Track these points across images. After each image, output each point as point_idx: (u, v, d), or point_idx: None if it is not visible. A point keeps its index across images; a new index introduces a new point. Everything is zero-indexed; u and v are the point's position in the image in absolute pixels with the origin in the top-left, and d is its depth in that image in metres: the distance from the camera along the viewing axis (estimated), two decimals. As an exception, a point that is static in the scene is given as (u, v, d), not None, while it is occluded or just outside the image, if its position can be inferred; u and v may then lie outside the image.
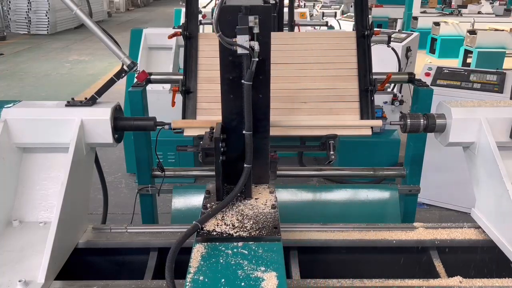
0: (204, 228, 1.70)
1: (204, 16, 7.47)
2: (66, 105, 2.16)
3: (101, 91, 2.18)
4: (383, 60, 4.34)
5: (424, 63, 5.44)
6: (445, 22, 12.86)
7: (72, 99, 2.22)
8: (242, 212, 1.82)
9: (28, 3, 16.63)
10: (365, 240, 2.13)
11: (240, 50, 1.75)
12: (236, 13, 1.75)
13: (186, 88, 2.73)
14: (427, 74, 4.51)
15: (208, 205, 1.85)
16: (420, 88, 2.88)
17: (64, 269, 1.91)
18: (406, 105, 5.22)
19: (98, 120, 2.11)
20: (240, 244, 1.64)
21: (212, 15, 7.92)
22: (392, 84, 5.51)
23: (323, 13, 10.60)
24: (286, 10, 5.47)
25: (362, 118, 2.68)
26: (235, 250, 1.60)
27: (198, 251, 1.60)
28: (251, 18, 1.74)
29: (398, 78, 3.18)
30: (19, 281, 1.67)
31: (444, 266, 2.05)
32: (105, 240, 2.15)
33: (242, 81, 1.78)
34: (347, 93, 2.73)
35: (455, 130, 2.20)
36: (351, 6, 13.68)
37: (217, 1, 1.73)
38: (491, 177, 2.08)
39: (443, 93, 4.23)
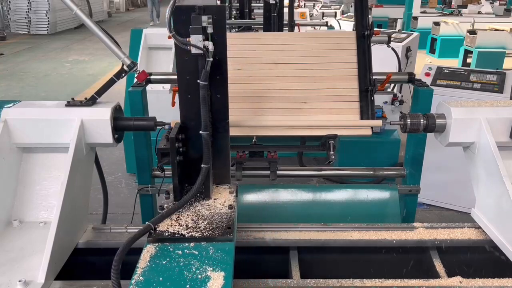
0: (157, 229, 1.70)
1: (204, 16, 7.45)
2: (66, 105, 2.16)
3: (101, 91, 2.18)
4: (383, 60, 4.33)
5: (424, 63, 5.44)
6: (445, 22, 12.86)
7: (72, 99, 2.22)
8: (198, 213, 1.82)
9: (28, 3, 16.63)
10: (365, 240, 2.13)
11: (194, 50, 1.75)
12: (189, 13, 1.75)
13: (186, 88, 2.73)
14: (427, 74, 4.51)
15: (165, 205, 1.84)
16: (420, 88, 2.88)
17: (64, 269, 1.91)
18: (406, 105, 5.22)
19: (98, 120, 2.11)
20: (192, 244, 1.64)
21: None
22: (392, 84, 5.50)
23: (323, 13, 10.61)
24: (286, 10, 5.47)
25: (362, 118, 2.68)
26: (186, 250, 1.60)
27: (148, 251, 1.61)
28: (204, 18, 1.74)
29: (398, 78, 3.17)
30: (19, 281, 1.67)
31: (444, 266, 2.05)
32: (105, 240, 2.15)
33: (198, 81, 1.78)
34: (347, 93, 2.73)
35: (455, 130, 2.20)
36: (351, 6, 13.69)
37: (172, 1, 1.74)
38: (491, 177, 2.08)
39: (443, 93, 4.23)
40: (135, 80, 2.70)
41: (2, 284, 1.68)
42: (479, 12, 15.13)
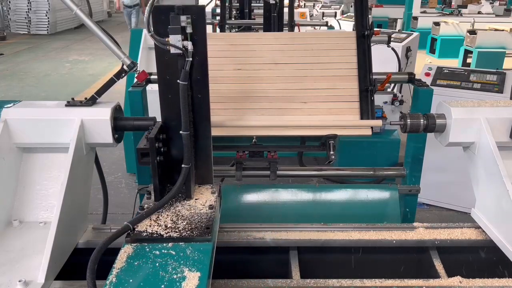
0: (136, 229, 1.69)
1: (204, 16, 7.45)
2: (66, 105, 2.16)
3: (101, 91, 2.18)
4: (383, 60, 4.33)
5: (424, 63, 5.44)
6: (445, 22, 12.86)
7: (72, 99, 2.22)
8: (178, 213, 1.81)
9: (28, 3, 16.64)
10: (365, 240, 2.13)
11: (173, 50, 1.75)
12: (169, 13, 1.75)
13: (186, 88, 2.73)
14: (427, 74, 4.51)
15: (146, 205, 1.84)
16: (420, 88, 2.87)
17: (64, 269, 1.91)
18: (406, 105, 5.22)
19: (98, 120, 2.11)
20: (170, 245, 1.63)
21: (212, 15, 7.93)
22: (392, 84, 5.50)
23: (323, 13, 10.61)
24: (286, 10, 5.48)
25: (362, 118, 2.68)
26: (163, 250, 1.60)
27: (125, 252, 1.60)
28: (183, 18, 1.74)
29: (398, 78, 3.17)
30: (19, 281, 1.67)
31: (444, 266, 2.05)
32: (105, 240, 2.15)
33: (178, 81, 1.78)
34: (347, 93, 2.72)
35: (455, 130, 2.20)
36: (351, 6, 13.69)
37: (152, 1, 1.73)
38: (491, 177, 2.08)
39: (443, 93, 4.23)
40: (135, 80, 2.70)
41: (2, 284, 1.68)
42: (479, 12, 15.14)
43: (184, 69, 1.77)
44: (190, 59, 1.77)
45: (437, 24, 12.87)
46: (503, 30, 10.22)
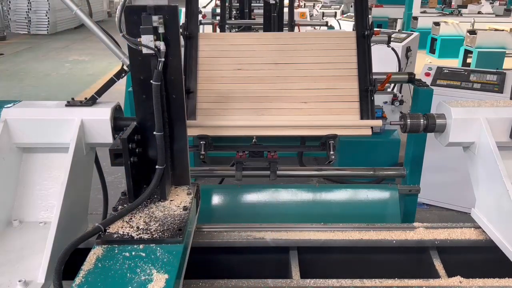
0: (108, 231, 1.69)
1: (204, 16, 7.48)
2: (66, 105, 2.16)
3: (101, 91, 2.18)
4: (383, 60, 4.34)
5: (424, 63, 5.44)
6: (445, 22, 12.87)
7: (72, 99, 2.21)
8: (152, 214, 1.80)
9: (28, 3, 16.64)
10: (365, 240, 2.12)
11: (145, 50, 1.74)
12: (140, 13, 1.74)
13: (186, 88, 2.73)
14: (427, 74, 4.51)
15: (120, 207, 1.83)
16: (420, 88, 2.88)
17: (64, 269, 1.90)
18: (406, 105, 5.22)
19: (98, 120, 2.11)
20: (141, 246, 1.62)
21: (212, 15, 7.93)
22: (392, 84, 5.51)
23: (323, 13, 10.62)
24: (286, 10, 5.48)
25: (362, 118, 2.68)
26: (133, 252, 1.59)
27: (95, 254, 1.59)
28: (155, 18, 1.73)
29: (398, 78, 3.18)
30: (19, 281, 1.66)
31: (444, 266, 2.05)
32: (105, 240, 2.15)
33: (151, 81, 1.77)
34: (347, 93, 2.73)
35: (455, 130, 2.20)
36: (351, 6, 13.69)
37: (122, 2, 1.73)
38: (491, 177, 2.08)
39: (443, 93, 4.23)
40: (135, 80, 2.70)
41: (2, 284, 1.68)
42: (479, 12, 15.15)
43: (156, 69, 1.76)
44: (163, 59, 1.76)
45: (437, 24, 12.87)
46: (503, 30, 10.22)
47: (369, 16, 2.99)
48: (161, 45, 1.75)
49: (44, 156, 2.15)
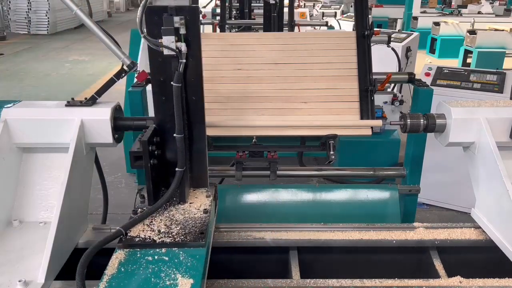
0: (129, 234, 1.67)
1: (204, 16, 7.47)
2: (66, 105, 2.16)
3: (101, 91, 2.18)
4: (383, 60, 4.33)
5: (424, 63, 5.44)
6: (445, 22, 12.86)
7: (72, 99, 2.21)
8: (172, 217, 1.79)
9: (28, 3, 16.63)
10: (365, 240, 2.13)
11: (166, 52, 1.73)
12: (161, 14, 1.73)
13: (186, 88, 2.73)
14: (427, 74, 4.51)
15: (139, 210, 1.82)
16: (420, 88, 2.88)
17: (64, 269, 1.91)
18: (406, 105, 5.22)
19: (98, 120, 2.11)
20: (163, 250, 1.61)
21: (212, 15, 7.92)
22: (392, 84, 5.50)
23: (323, 13, 10.62)
24: (286, 10, 5.48)
25: (362, 118, 2.68)
26: (156, 256, 1.58)
27: (117, 257, 1.58)
28: (176, 18, 1.71)
29: (398, 78, 3.18)
30: (19, 281, 1.66)
31: (444, 266, 2.05)
32: (105, 240, 2.15)
33: (172, 83, 1.76)
34: (347, 93, 2.73)
35: (455, 130, 2.20)
36: (351, 6, 13.69)
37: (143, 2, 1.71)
38: (491, 177, 2.08)
39: (443, 93, 4.23)
40: (135, 80, 2.70)
41: (2, 284, 1.68)
42: (479, 12, 15.14)
43: (177, 71, 1.75)
44: (184, 60, 1.75)
45: (437, 24, 12.87)
46: (503, 30, 10.22)
47: (369, 16, 2.99)
48: (182, 46, 1.74)
49: (44, 156, 2.15)
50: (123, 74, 2.21)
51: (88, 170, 2.23)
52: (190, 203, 1.90)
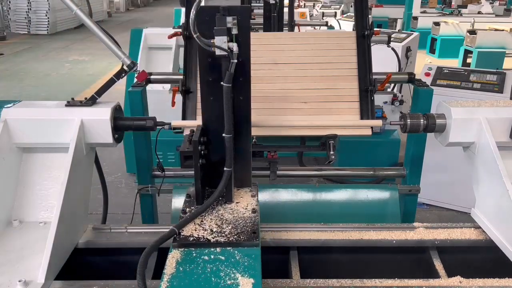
0: (182, 233, 1.68)
1: (204, 16, 7.46)
2: (66, 105, 2.16)
3: (101, 91, 2.18)
4: (383, 60, 4.33)
5: (424, 63, 5.44)
6: (445, 22, 12.86)
7: (72, 99, 2.22)
8: (222, 217, 1.80)
9: (28, 3, 16.63)
10: (365, 240, 2.12)
11: (218, 52, 1.72)
12: (213, 14, 1.73)
13: (186, 88, 2.73)
14: (427, 74, 4.51)
15: (188, 209, 1.82)
16: (420, 88, 2.88)
17: (64, 269, 1.91)
18: (406, 105, 5.22)
19: (98, 120, 2.11)
20: (218, 250, 1.61)
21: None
22: (392, 84, 5.51)
23: (323, 13, 10.62)
24: (286, 10, 5.48)
25: (362, 118, 2.68)
26: (212, 256, 1.58)
27: (174, 257, 1.58)
28: (229, 19, 1.72)
29: (398, 78, 3.17)
30: (19, 281, 1.66)
31: (444, 266, 2.05)
32: (105, 240, 2.15)
33: (222, 83, 1.76)
34: (347, 93, 2.73)
35: (455, 130, 2.20)
36: (351, 6, 13.68)
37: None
38: (491, 177, 2.08)
39: (443, 93, 4.23)
40: (135, 80, 2.70)
41: (2, 284, 1.68)
42: (479, 12, 15.14)
43: (228, 71, 1.74)
44: (235, 61, 1.74)
45: (437, 24, 12.87)
46: (503, 30, 10.22)
47: (369, 16, 2.99)
48: (234, 47, 1.73)
49: (44, 156, 2.15)
50: (123, 74, 2.21)
51: (88, 170, 2.23)
52: (237, 202, 1.91)
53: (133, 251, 2.18)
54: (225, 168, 1.82)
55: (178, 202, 2.89)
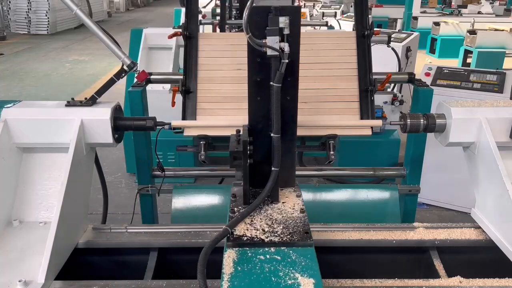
0: (234, 233, 1.68)
1: (204, 16, 7.47)
2: (66, 105, 2.16)
3: (101, 91, 2.18)
4: (383, 60, 4.33)
5: (424, 63, 5.44)
6: (445, 22, 12.87)
7: (72, 99, 2.22)
8: (271, 217, 1.79)
9: (28, 3, 16.63)
10: (365, 240, 2.12)
11: (269, 52, 1.72)
12: (264, 14, 1.73)
13: (186, 88, 2.73)
14: (427, 74, 4.51)
15: (235, 208, 1.82)
16: (420, 88, 2.87)
17: (64, 269, 1.91)
18: (406, 105, 5.22)
19: (98, 120, 2.11)
20: (272, 249, 1.61)
21: (212, 15, 7.91)
22: (392, 84, 5.51)
23: (323, 13, 10.63)
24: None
25: (362, 118, 2.68)
26: (267, 256, 1.57)
27: (230, 256, 1.58)
28: (282, 19, 1.71)
29: (398, 78, 3.17)
30: (19, 281, 1.67)
31: (444, 266, 2.05)
32: (105, 240, 2.15)
33: (271, 83, 1.75)
34: (347, 93, 2.72)
35: (455, 130, 2.20)
36: (351, 6, 13.69)
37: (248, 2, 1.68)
38: (491, 177, 2.08)
39: (443, 93, 4.23)
40: (135, 80, 2.70)
41: (2, 284, 1.68)
42: (479, 12, 15.14)
43: (279, 71, 1.74)
44: (287, 61, 1.74)
45: (437, 24, 12.87)
46: (503, 30, 10.22)
47: (369, 16, 2.99)
48: (285, 47, 1.73)
49: (44, 156, 2.15)
50: (123, 74, 2.21)
51: (88, 170, 2.23)
52: (283, 202, 1.91)
53: (133, 251, 2.18)
54: (272, 168, 1.81)
55: (178, 202, 2.89)
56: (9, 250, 1.89)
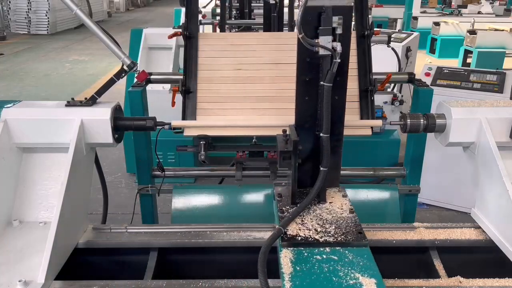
0: (287, 233, 1.68)
1: (204, 16, 7.47)
2: (66, 105, 2.16)
3: (101, 91, 2.19)
4: (383, 60, 4.33)
5: (424, 63, 5.44)
6: (445, 22, 12.86)
7: (72, 99, 2.22)
8: (321, 216, 1.79)
9: (28, 3, 16.63)
10: (365, 240, 2.12)
11: (322, 51, 1.72)
12: (316, 14, 1.73)
13: (186, 88, 2.73)
14: (427, 74, 4.51)
15: (284, 208, 1.82)
16: (420, 88, 2.87)
17: (64, 269, 1.91)
18: (406, 105, 5.22)
19: (98, 120, 2.11)
20: (327, 249, 1.61)
21: (212, 15, 7.92)
22: (392, 84, 5.50)
23: (323, 13, 10.57)
24: (286, 10, 5.48)
25: (362, 118, 2.68)
26: (323, 256, 1.57)
27: (286, 256, 1.58)
28: (335, 18, 1.71)
29: (398, 78, 3.17)
30: (19, 281, 1.67)
31: (444, 266, 2.05)
32: (105, 240, 2.15)
33: (322, 82, 1.75)
34: (347, 93, 2.72)
35: (455, 130, 2.20)
36: (351, 6, 13.66)
37: (300, 2, 1.70)
38: (491, 177, 2.08)
39: (443, 93, 4.23)
40: (135, 80, 2.70)
41: (2, 284, 1.68)
42: (479, 12, 15.13)
43: (330, 70, 1.73)
44: (339, 60, 1.73)
45: (437, 24, 12.86)
46: (503, 30, 10.22)
47: (369, 16, 2.98)
48: (338, 46, 1.73)
49: (44, 156, 2.15)
50: (123, 74, 2.21)
51: (88, 170, 2.23)
52: (330, 202, 1.91)
53: (133, 251, 2.18)
54: (321, 168, 1.81)
55: (178, 202, 2.89)
56: (9, 250, 1.89)
